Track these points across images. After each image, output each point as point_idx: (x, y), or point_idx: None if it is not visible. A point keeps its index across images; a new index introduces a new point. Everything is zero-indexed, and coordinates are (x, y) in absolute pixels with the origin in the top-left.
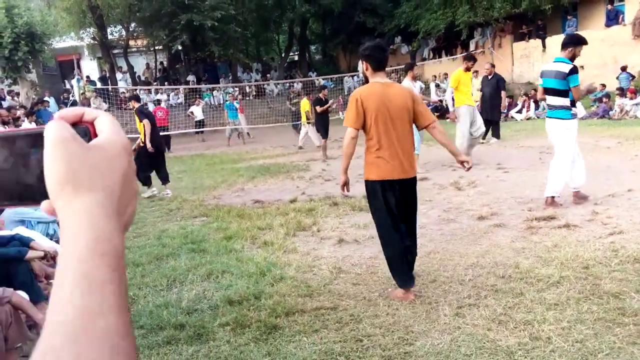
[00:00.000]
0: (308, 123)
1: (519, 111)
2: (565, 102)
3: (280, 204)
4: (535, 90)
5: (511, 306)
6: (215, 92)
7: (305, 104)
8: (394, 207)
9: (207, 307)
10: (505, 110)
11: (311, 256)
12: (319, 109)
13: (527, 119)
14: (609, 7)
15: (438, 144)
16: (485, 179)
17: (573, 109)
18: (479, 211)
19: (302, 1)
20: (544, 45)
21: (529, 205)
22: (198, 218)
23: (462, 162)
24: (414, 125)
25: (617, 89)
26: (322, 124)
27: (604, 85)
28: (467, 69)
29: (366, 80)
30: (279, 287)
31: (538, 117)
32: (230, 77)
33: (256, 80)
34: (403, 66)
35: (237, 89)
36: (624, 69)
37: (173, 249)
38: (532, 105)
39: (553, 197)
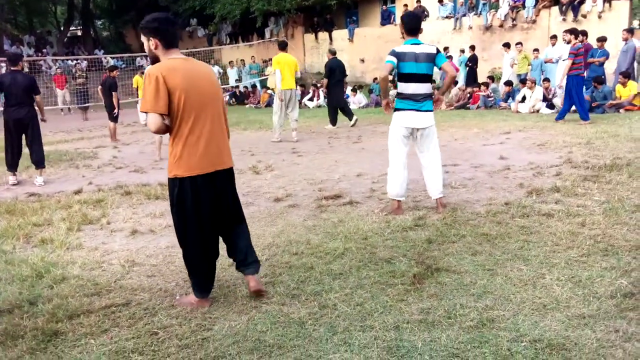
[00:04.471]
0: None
1: (311, 99)
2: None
3: (62, 195)
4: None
5: (303, 280)
6: None
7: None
8: (207, 209)
9: None
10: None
11: (100, 251)
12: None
13: (318, 107)
14: (384, 7)
15: (238, 130)
16: (281, 162)
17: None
18: (275, 193)
19: None
20: (330, 38)
21: (319, 186)
22: None
23: None
24: None
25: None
26: (113, 106)
27: (376, 79)
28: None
29: (154, 61)
30: (60, 289)
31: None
32: None
33: (29, 55)
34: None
35: (2, 64)
36: None
37: None
38: (321, 94)
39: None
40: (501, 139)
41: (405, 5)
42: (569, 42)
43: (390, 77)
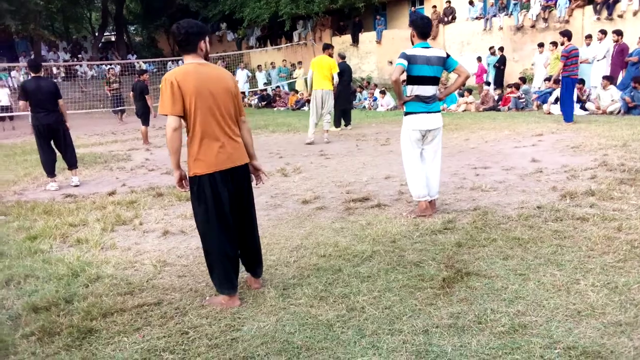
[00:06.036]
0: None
1: None
2: None
3: (97, 197)
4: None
5: (331, 282)
6: (14, 73)
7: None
8: (227, 205)
9: (6, 318)
10: None
11: (132, 251)
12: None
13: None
14: (412, 9)
15: (266, 133)
16: (309, 165)
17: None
18: (303, 195)
19: None
20: (358, 41)
21: (347, 188)
22: None
23: (257, 170)
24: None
25: None
26: (144, 110)
27: (404, 81)
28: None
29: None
30: (95, 288)
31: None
32: (32, 56)
33: (65, 60)
34: (230, 54)
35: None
36: None
37: None
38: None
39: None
40: (533, 141)
41: (434, 6)
42: (562, 44)
43: (402, 78)
